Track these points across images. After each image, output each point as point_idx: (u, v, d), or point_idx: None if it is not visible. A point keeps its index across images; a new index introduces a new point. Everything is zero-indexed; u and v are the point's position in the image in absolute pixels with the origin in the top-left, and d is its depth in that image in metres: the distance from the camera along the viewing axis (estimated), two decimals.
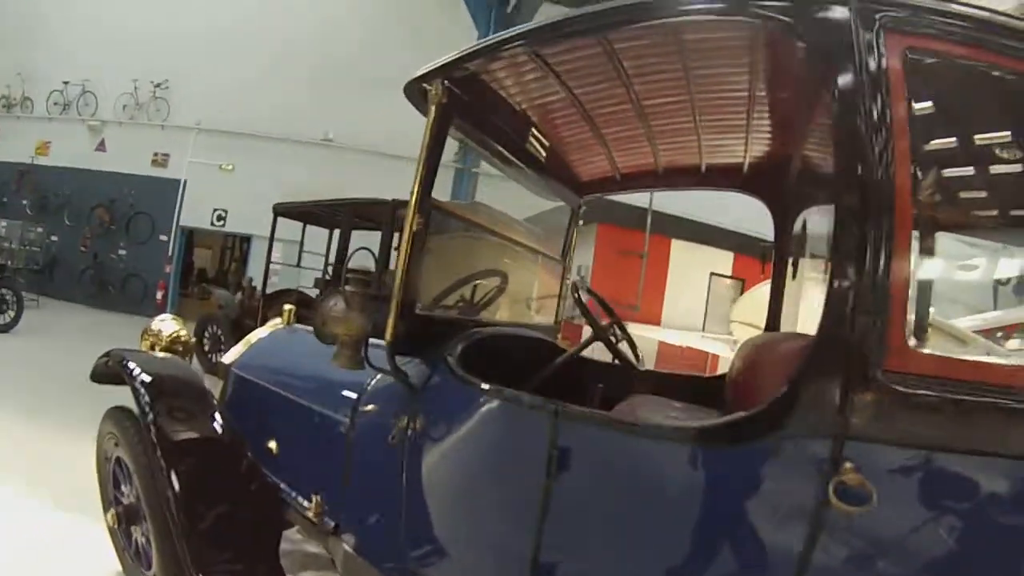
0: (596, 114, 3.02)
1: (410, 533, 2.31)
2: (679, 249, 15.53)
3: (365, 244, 7.91)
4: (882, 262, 1.60)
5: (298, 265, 10.11)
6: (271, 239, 9.94)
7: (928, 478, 1.62)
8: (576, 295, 3.17)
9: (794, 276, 3.68)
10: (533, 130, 3.12)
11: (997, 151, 2.02)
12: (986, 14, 1.66)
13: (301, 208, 9.81)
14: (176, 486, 2.61)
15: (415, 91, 2.43)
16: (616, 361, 3.37)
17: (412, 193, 2.25)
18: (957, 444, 1.58)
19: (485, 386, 2.16)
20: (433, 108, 2.27)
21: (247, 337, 3.59)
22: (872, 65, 1.62)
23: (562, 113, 3.02)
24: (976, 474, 1.59)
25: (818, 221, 3.11)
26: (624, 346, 3.35)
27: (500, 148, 3.03)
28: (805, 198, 3.34)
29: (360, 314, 2.33)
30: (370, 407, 2.62)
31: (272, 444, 2.95)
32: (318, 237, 10.30)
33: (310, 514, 2.68)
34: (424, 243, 2.32)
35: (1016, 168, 2.10)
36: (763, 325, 3.91)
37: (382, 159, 16.00)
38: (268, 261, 9.88)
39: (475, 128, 2.79)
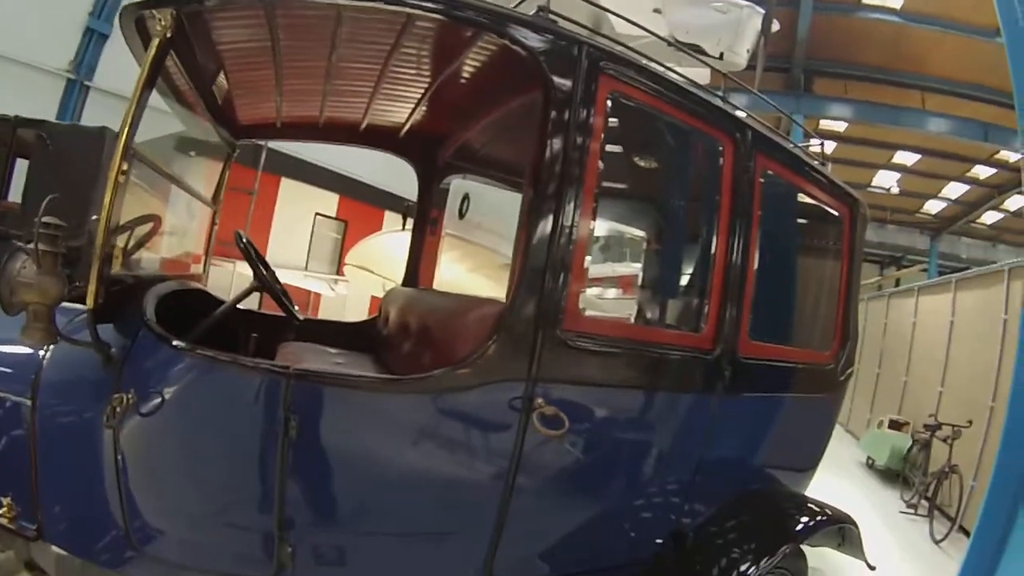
0: (288, 66, 3.04)
1: (134, 518, 2.14)
2: (287, 188, 15.28)
3: None
4: (568, 246, 2.20)
5: None
6: None
7: (594, 406, 2.37)
8: (242, 244, 3.20)
9: (432, 233, 4.20)
10: (218, 69, 3.01)
11: (643, 164, 2.77)
12: (670, 76, 2.47)
13: None
14: None
15: (131, 18, 2.22)
16: (282, 310, 3.48)
17: (121, 135, 2.04)
18: (610, 381, 2.36)
19: (210, 353, 2.11)
20: (157, 40, 2.11)
21: None
22: (587, 94, 2.24)
23: (254, 59, 2.97)
24: (626, 402, 2.45)
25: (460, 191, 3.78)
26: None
27: (181, 81, 2.87)
28: (452, 169, 4.03)
29: (53, 277, 1.99)
30: (56, 384, 2.27)
31: None
32: None
33: (3, 520, 2.25)
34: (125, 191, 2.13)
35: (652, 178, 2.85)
36: (378, 271, 4.39)
37: None
38: None
39: (178, 62, 2.62)
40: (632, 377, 2.44)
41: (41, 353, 2.30)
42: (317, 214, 16.29)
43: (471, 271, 7.09)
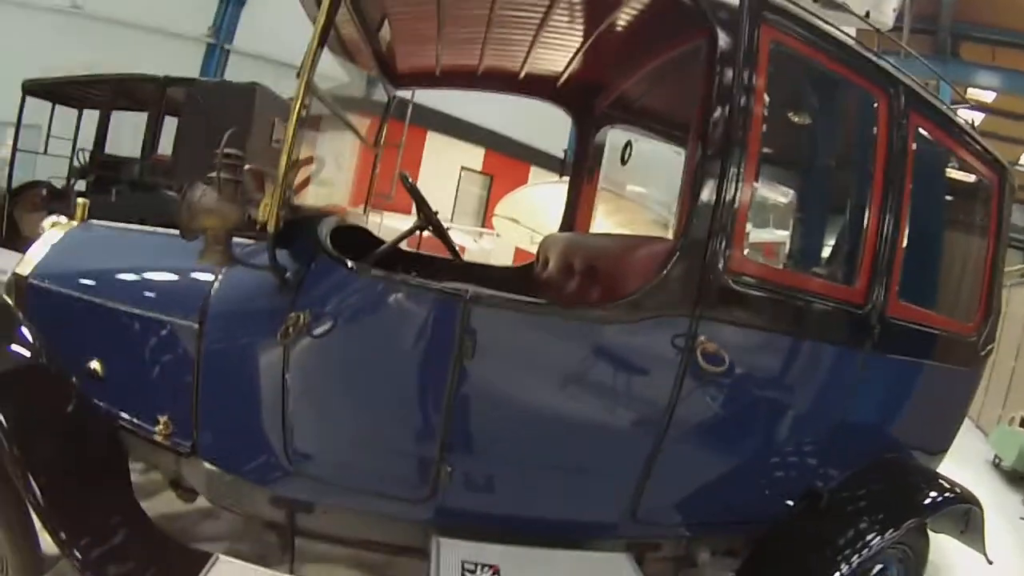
0: (452, 13, 3.15)
1: (293, 436, 2.26)
2: (433, 141, 15.60)
3: (119, 129, 7.03)
4: (735, 191, 2.26)
5: (45, 152, 8.79)
6: (18, 124, 8.57)
7: (752, 349, 2.42)
8: (409, 183, 3.36)
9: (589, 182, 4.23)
10: (383, 18, 3.15)
11: (799, 117, 2.81)
12: (828, 28, 2.47)
13: (55, 86, 8.50)
14: (6, 427, 2.01)
15: None
16: (446, 247, 3.72)
17: (303, 72, 2.09)
18: (768, 325, 2.42)
19: (385, 274, 2.24)
20: None
21: (39, 241, 2.81)
22: (749, 46, 2.27)
23: (419, 7, 3.10)
24: (781, 348, 2.50)
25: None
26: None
27: (349, 30, 3.00)
28: (609, 119, 4.05)
29: (232, 204, 2.11)
30: (225, 308, 2.34)
31: (95, 364, 2.44)
32: (61, 123, 8.99)
33: (158, 437, 2.37)
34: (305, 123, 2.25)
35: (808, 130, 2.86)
36: (526, 222, 4.40)
37: (134, 32, 13.34)
38: (14, 150, 8.50)
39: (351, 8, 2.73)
40: (788, 323, 2.48)
41: (210, 278, 2.37)
42: (463, 168, 16.63)
43: (620, 225, 7.00)
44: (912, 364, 2.90)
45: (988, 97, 20.06)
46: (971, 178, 3.20)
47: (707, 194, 2.24)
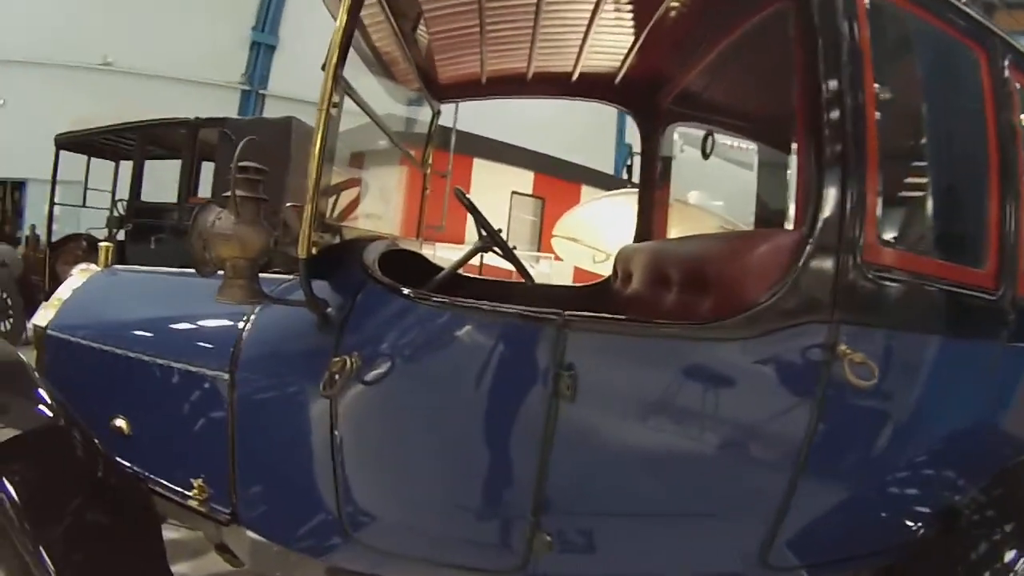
0: (492, 12, 2.84)
1: (349, 500, 1.92)
2: (480, 168, 15.49)
3: (160, 177, 7.01)
4: (861, 165, 1.88)
5: (83, 204, 8.98)
6: (54, 177, 8.63)
7: (894, 353, 1.99)
8: (465, 200, 3.06)
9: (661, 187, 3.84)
10: (418, 20, 2.85)
11: (906, 79, 2.40)
12: None
13: (86, 138, 8.63)
14: (17, 501, 1.78)
15: None
16: (515, 267, 3.40)
17: (329, 64, 1.75)
18: (908, 323, 2.00)
19: (455, 301, 1.86)
20: None
21: (59, 289, 2.66)
22: (847, 16, 1.93)
23: (457, 8, 2.80)
24: (923, 349, 2.09)
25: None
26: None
27: (371, 41, 2.76)
28: (675, 116, 3.62)
29: (254, 227, 1.76)
30: (258, 355, 2.06)
31: (120, 422, 2.22)
32: (100, 175, 9.21)
33: (193, 503, 2.09)
34: (336, 129, 1.94)
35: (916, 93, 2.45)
36: (587, 241, 4.10)
37: (167, 84, 14.00)
38: (51, 203, 8.63)
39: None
40: (929, 319, 2.08)
41: (240, 324, 2.10)
42: (513, 192, 16.47)
43: (689, 233, 6.63)
44: None
45: None
46: None
47: (832, 172, 1.86)
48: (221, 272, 1.80)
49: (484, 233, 3.14)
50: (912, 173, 2.43)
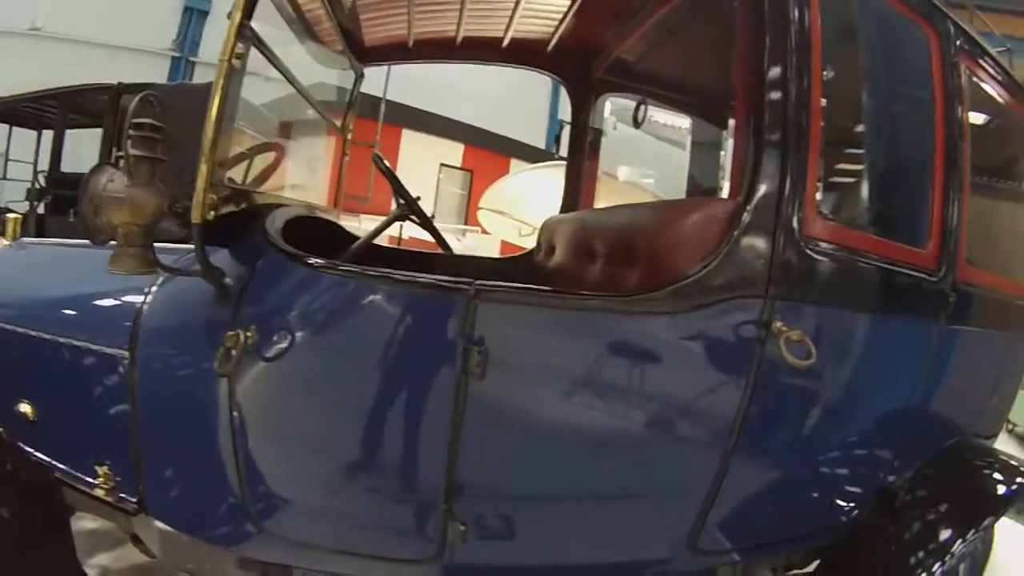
0: None
1: (254, 486, 1.81)
2: (409, 139, 15.23)
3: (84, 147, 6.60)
4: (803, 136, 1.84)
5: (3, 177, 8.63)
6: None
7: (829, 331, 1.97)
8: (383, 166, 2.99)
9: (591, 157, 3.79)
10: None
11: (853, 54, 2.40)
12: None
13: (7, 106, 8.25)
14: None
15: None
16: (433, 238, 3.31)
17: (235, 9, 1.63)
18: (844, 300, 1.98)
19: (362, 271, 1.75)
20: None
21: None
22: None
23: None
24: (858, 327, 2.07)
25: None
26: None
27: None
28: (608, 86, 3.59)
29: (148, 188, 1.62)
30: (158, 331, 1.91)
31: (25, 407, 2.05)
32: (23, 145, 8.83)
33: (100, 492, 1.95)
34: (239, 85, 1.78)
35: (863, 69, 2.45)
36: (514, 214, 4.03)
37: (98, 50, 13.29)
38: None
39: None
40: (866, 297, 2.06)
41: (141, 297, 1.95)
42: (442, 164, 16.24)
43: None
44: (980, 335, 2.54)
45: None
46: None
47: (772, 141, 1.81)
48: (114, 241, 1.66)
49: (402, 201, 3.05)
50: (856, 149, 2.44)
